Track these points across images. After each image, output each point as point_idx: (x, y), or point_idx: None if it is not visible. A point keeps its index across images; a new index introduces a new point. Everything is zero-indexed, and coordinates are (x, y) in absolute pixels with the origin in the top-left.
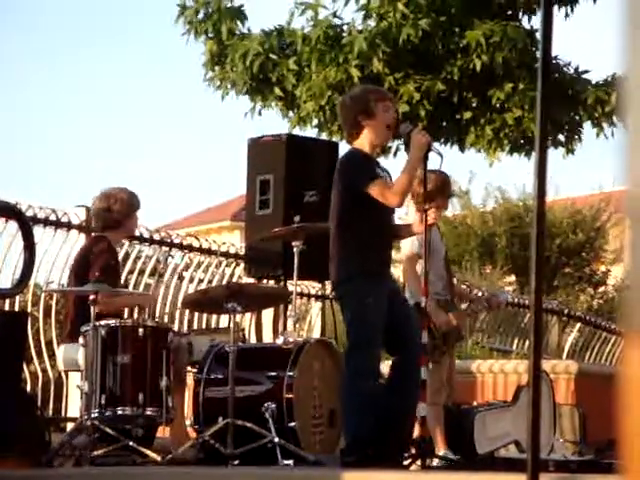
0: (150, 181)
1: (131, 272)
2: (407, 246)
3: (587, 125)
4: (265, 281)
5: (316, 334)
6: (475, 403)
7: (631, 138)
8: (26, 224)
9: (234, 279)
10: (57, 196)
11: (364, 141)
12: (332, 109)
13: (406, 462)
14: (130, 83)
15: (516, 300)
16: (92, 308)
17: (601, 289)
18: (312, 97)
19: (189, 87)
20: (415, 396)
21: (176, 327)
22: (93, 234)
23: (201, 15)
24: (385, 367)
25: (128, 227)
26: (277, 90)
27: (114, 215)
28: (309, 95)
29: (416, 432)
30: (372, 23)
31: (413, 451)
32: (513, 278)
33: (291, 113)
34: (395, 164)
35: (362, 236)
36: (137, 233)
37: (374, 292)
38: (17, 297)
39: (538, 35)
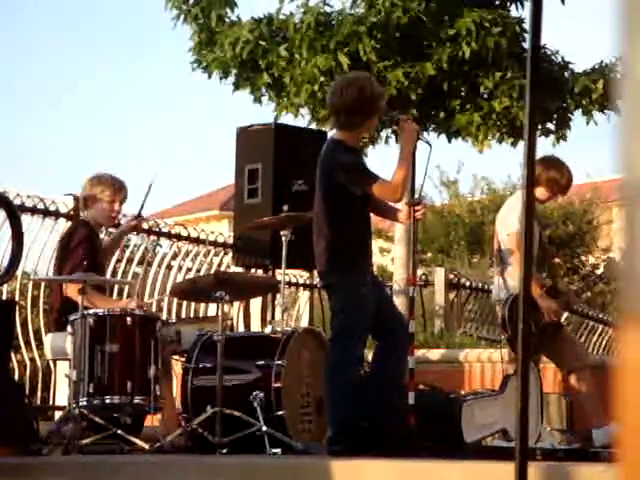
0: (139, 170)
1: (119, 260)
2: (515, 222)
3: (577, 113)
4: (253, 270)
5: (304, 323)
6: (463, 392)
7: (625, 119)
8: (14, 212)
9: (222, 268)
10: (46, 185)
11: (355, 134)
12: (323, 97)
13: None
14: (119, 73)
15: None
16: (80, 297)
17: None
18: (303, 84)
19: (178, 76)
20: (401, 382)
21: (164, 316)
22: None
23: (191, 1)
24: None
25: (92, 214)
26: (266, 76)
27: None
28: (301, 81)
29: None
30: (361, 10)
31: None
32: None
33: (280, 101)
34: (385, 153)
35: (353, 231)
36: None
37: (365, 283)
38: (4, 286)
39: (527, 25)
